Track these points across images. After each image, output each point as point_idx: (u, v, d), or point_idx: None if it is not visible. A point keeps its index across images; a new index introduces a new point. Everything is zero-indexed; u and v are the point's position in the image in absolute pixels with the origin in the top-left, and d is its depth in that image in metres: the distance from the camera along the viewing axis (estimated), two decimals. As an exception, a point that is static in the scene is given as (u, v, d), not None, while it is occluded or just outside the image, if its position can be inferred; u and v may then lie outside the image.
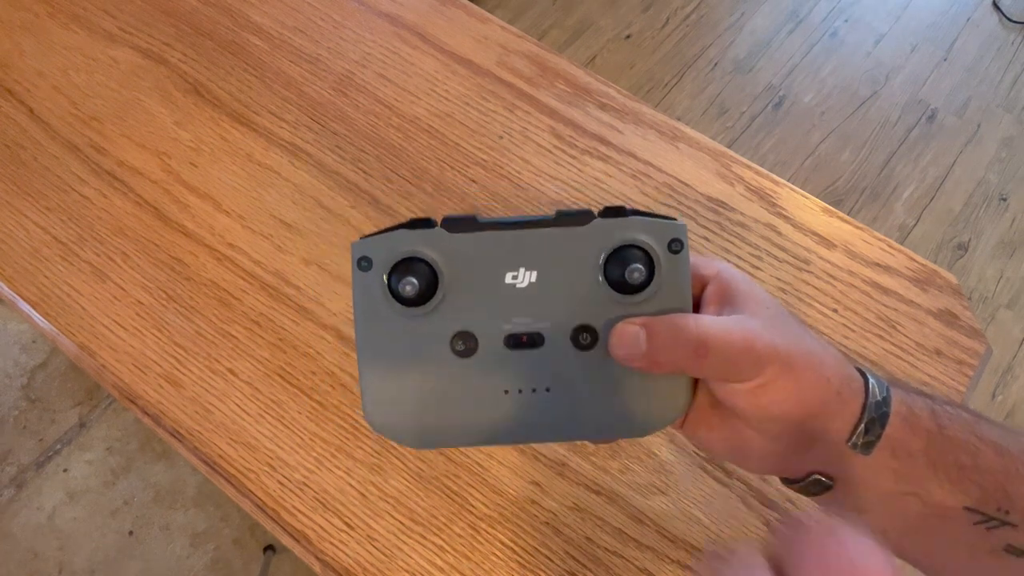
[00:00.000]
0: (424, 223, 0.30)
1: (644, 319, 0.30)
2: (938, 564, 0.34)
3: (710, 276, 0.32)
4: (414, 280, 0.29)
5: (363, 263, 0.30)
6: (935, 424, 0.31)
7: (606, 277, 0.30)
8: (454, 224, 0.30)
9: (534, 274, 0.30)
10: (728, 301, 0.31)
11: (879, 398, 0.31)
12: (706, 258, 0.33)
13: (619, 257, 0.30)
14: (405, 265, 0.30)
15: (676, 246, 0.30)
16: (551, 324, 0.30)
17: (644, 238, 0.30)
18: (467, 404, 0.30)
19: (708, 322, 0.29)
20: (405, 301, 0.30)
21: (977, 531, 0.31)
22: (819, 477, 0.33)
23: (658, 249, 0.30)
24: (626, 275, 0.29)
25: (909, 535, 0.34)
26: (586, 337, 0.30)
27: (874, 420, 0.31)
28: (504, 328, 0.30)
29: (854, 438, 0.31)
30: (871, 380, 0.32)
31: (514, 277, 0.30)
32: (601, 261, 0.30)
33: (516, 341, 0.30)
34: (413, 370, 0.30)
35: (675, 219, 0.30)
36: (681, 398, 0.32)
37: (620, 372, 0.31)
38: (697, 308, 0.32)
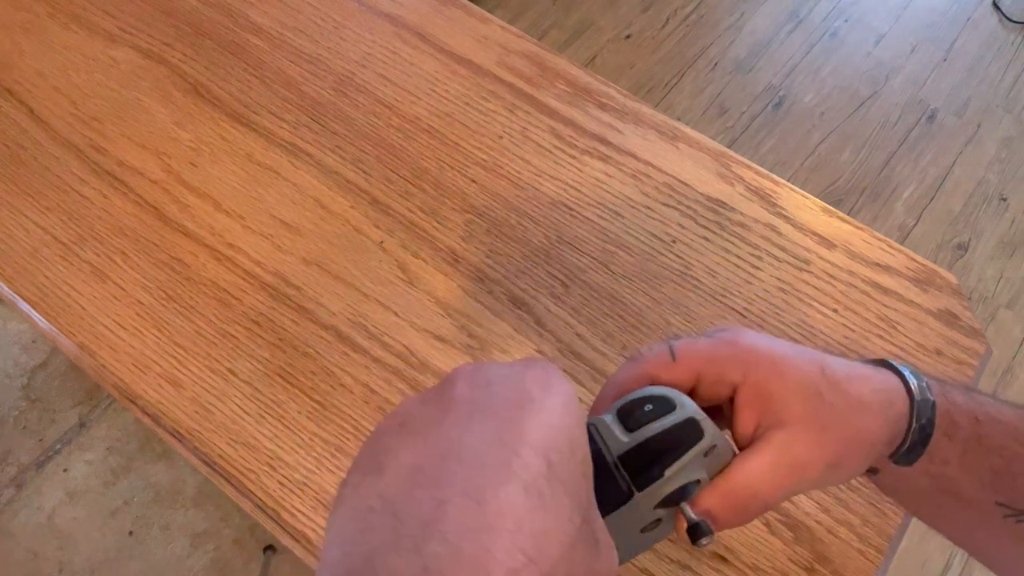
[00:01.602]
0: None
1: (705, 507, 0.31)
2: (969, 544, 0.36)
3: (738, 380, 0.32)
4: None
5: None
6: (975, 433, 0.32)
7: (661, 506, 0.31)
8: None
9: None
10: (764, 409, 0.32)
11: (924, 420, 0.32)
12: (726, 339, 0.33)
13: (667, 501, 0.31)
14: None
15: (711, 451, 0.31)
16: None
17: (684, 482, 0.31)
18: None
19: (760, 484, 0.31)
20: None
21: (1007, 523, 0.32)
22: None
23: (697, 470, 0.31)
24: (681, 511, 0.31)
25: (942, 520, 0.36)
26: (650, 527, 0.32)
27: (916, 443, 0.32)
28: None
29: (896, 457, 0.33)
30: (916, 402, 0.32)
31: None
32: (654, 508, 0.31)
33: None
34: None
35: (699, 426, 0.31)
36: None
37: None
38: (731, 407, 0.33)
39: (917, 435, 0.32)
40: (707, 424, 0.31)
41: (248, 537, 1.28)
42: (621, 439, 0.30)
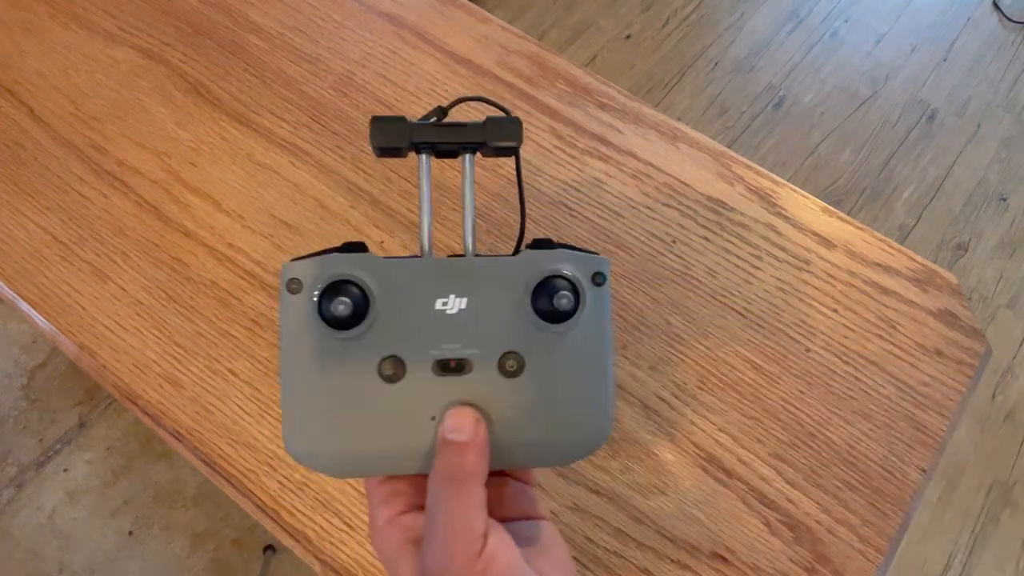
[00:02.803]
0: (357, 247, 0.30)
1: None
2: None
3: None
4: (346, 301, 0.29)
5: (293, 285, 0.29)
6: None
7: (533, 306, 0.30)
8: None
9: (464, 301, 0.30)
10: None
11: None
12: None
13: (546, 287, 0.30)
14: (336, 287, 0.29)
15: (599, 279, 0.31)
16: (479, 350, 0.30)
17: (570, 270, 0.30)
18: (392, 431, 0.30)
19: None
20: (335, 324, 0.29)
21: None
22: None
23: (583, 281, 0.31)
24: (554, 303, 0.30)
25: None
26: (512, 364, 0.30)
27: None
28: (433, 354, 0.30)
29: None
30: None
31: (444, 303, 0.30)
32: (529, 290, 0.30)
33: (444, 366, 0.30)
34: (338, 395, 0.30)
35: (599, 255, 0.32)
36: (606, 424, 0.32)
37: (545, 400, 0.31)
38: None
39: None
40: (607, 263, 0.31)
41: (248, 537, 1.28)
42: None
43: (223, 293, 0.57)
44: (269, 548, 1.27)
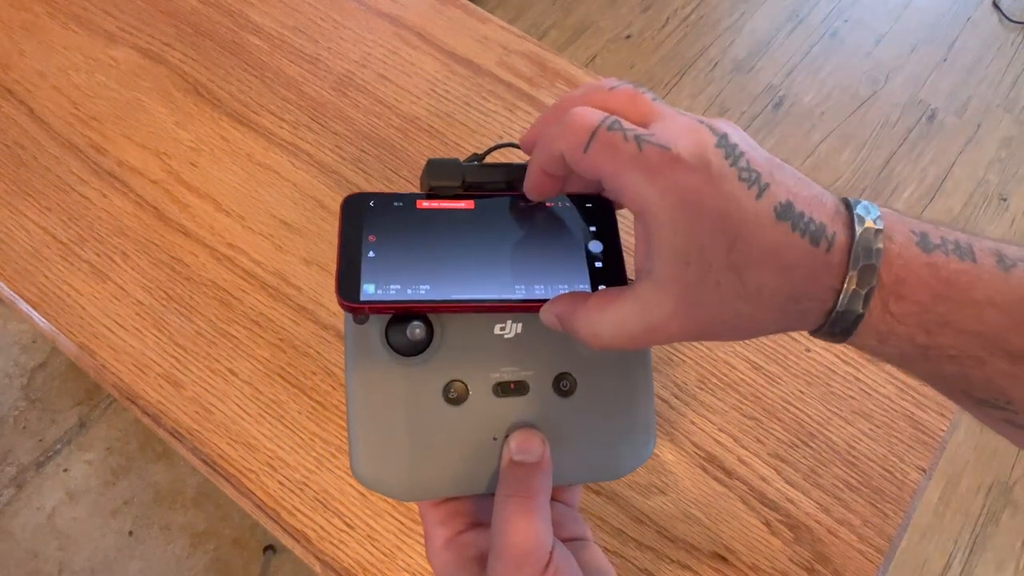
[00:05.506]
0: None
1: (558, 311, 0.30)
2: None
3: (635, 210, 0.28)
4: (421, 324, 0.30)
5: (360, 315, 0.31)
6: (920, 347, 0.28)
7: None
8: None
9: (520, 326, 0.32)
10: (648, 252, 0.28)
11: (837, 329, 0.28)
12: (659, 159, 0.27)
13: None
14: (403, 316, 0.31)
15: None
16: (535, 372, 0.32)
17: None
18: (456, 452, 0.32)
19: (603, 330, 0.29)
20: (402, 351, 0.31)
21: (975, 402, 0.29)
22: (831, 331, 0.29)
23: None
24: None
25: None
26: (566, 384, 0.32)
27: (828, 336, 0.29)
28: (492, 377, 0.32)
29: (820, 333, 0.29)
30: (836, 312, 0.27)
31: (502, 329, 0.32)
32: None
33: (504, 388, 0.32)
34: (405, 418, 0.31)
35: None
36: (650, 442, 0.34)
37: (597, 416, 0.32)
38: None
39: (828, 336, 0.28)
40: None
41: (248, 537, 1.28)
42: None
43: (223, 293, 0.57)
44: (269, 548, 1.27)
